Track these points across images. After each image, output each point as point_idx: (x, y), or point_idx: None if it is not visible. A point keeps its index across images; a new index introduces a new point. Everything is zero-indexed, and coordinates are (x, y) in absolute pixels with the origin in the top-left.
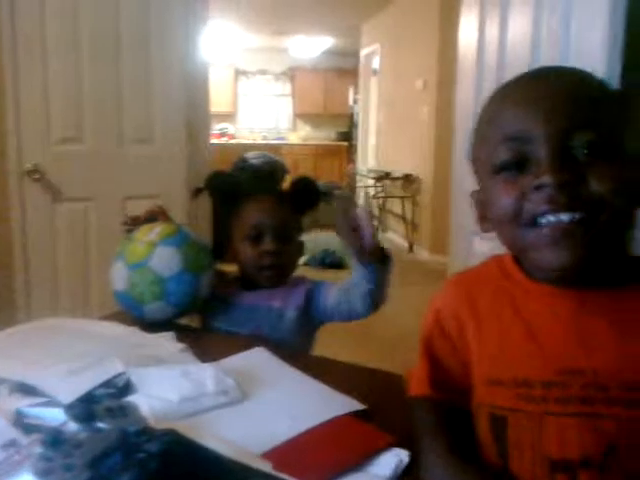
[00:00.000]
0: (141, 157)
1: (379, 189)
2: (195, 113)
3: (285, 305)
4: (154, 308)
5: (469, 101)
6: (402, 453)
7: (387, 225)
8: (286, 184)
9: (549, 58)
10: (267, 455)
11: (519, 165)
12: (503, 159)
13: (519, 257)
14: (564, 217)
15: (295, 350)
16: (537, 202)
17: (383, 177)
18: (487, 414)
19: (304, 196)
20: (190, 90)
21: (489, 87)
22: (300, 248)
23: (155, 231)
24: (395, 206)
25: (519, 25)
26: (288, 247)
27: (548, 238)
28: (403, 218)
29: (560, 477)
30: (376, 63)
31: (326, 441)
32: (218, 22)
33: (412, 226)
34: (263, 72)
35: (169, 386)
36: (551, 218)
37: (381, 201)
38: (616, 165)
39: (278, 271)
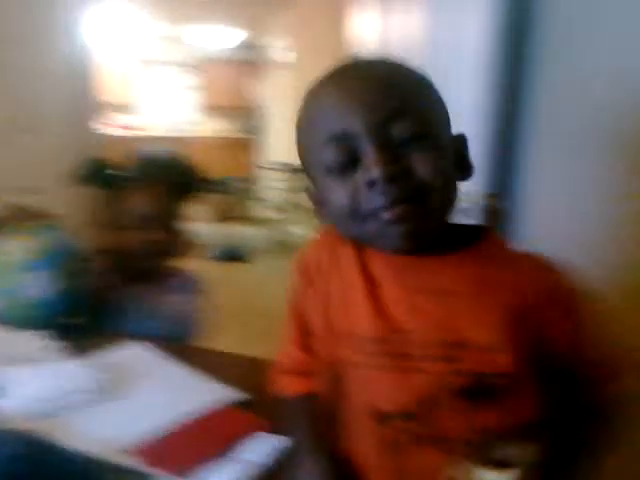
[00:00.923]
0: (19, 148)
1: (285, 182)
2: (80, 103)
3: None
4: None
5: None
6: (275, 439)
7: (294, 218)
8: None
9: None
10: (137, 450)
11: (348, 163)
12: (331, 160)
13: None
14: (398, 209)
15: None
16: (371, 198)
17: (288, 170)
18: (327, 366)
19: (183, 184)
20: (74, 79)
21: None
22: (182, 238)
23: (29, 249)
24: (301, 199)
25: (415, 20)
26: (171, 236)
27: (387, 227)
28: (308, 211)
29: (381, 426)
30: (285, 57)
31: (198, 432)
32: (120, 8)
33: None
34: (168, 62)
35: (37, 385)
36: (386, 214)
37: (287, 194)
38: (433, 149)
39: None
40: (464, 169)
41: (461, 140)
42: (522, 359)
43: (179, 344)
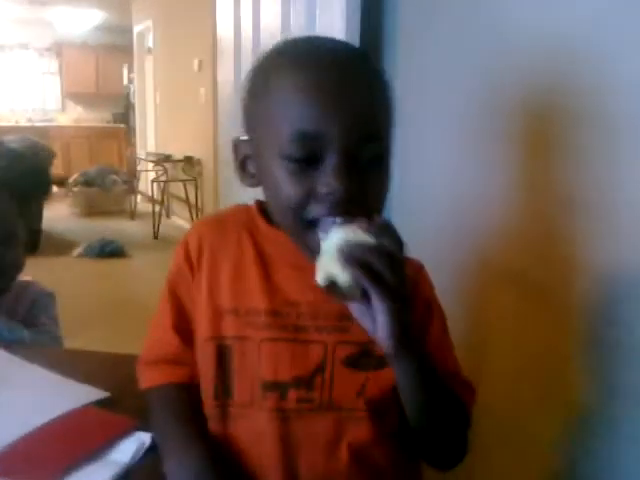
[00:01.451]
0: None
1: (160, 173)
2: None
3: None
4: None
5: (229, 83)
6: (144, 436)
7: (171, 210)
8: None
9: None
10: None
11: (310, 160)
12: (294, 154)
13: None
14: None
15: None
16: (322, 206)
17: (163, 160)
18: (213, 346)
19: (35, 187)
20: None
21: (247, 69)
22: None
23: None
24: (178, 190)
25: (271, 7)
26: (9, 251)
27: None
28: (187, 201)
29: (271, 396)
30: (150, 41)
31: (60, 435)
32: None
33: (196, 209)
34: (24, 46)
35: None
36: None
37: (162, 185)
38: (387, 173)
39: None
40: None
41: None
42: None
43: (36, 347)
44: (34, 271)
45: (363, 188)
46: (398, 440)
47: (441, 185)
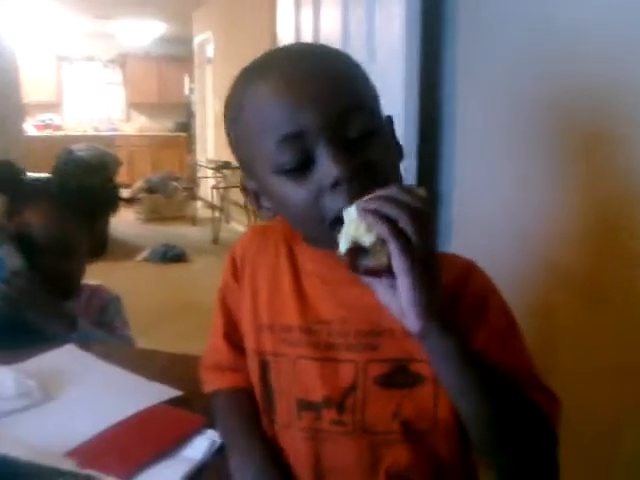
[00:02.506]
0: None
1: (219, 179)
2: (3, 101)
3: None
4: None
5: None
6: (215, 434)
7: (230, 215)
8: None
9: (358, 47)
10: (72, 453)
11: (303, 163)
12: (285, 162)
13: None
14: None
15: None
16: (336, 199)
17: (222, 167)
18: (257, 361)
19: (103, 203)
20: None
21: None
22: (92, 252)
23: None
24: (237, 196)
25: (331, 15)
26: (70, 263)
27: None
28: (245, 207)
29: (306, 415)
30: (210, 51)
31: (135, 432)
32: (35, 2)
33: (254, 215)
34: (90, 59)
35: None
36: None
37: (222, 191)
38: (385, 142)
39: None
40: (398, 151)
41: (390, 122)
42: None
43: (110, 346)
44: (101, 274)
45: (367, 162)
46: (443, 464)
47: (505, 189)
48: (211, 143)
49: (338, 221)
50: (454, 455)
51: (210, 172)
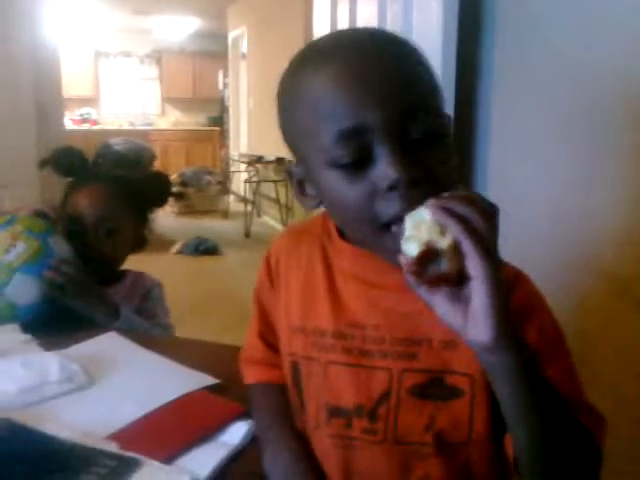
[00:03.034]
0: None
1: (252, 173)
2: (46, 96)
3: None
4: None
5: None
6: (251, 421)
7: (262, 209)
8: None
9: None
10: (114, 436)
11: (360, 160)
12: (342, 157)
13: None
14: None
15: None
16: (390, 204)
17: (255, 161)
18: (289, 362)
19: (154, 195)
20: (39, 72)
21: None
22: (135, 243)
23: (16, 251)
24: (269, 190)
25: (367, 11)
26: (114, 245)
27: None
28: (277, 202)
29: (336, 422)
30: (244, 46)
31: (175, 417)
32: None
33: (286, 209)
34: (127, 54)
35: (7, 377)
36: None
37: (255, 185)
38: (450, 151)
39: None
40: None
41: (449, 122)
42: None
43: (149, 335)
44: (135, 267)
45: (427, 168)
46: (476, 478)
47: (547, 193)
48: (244, 137)
49: (388, 226)
50: (487, 469)
51: (243, 166)
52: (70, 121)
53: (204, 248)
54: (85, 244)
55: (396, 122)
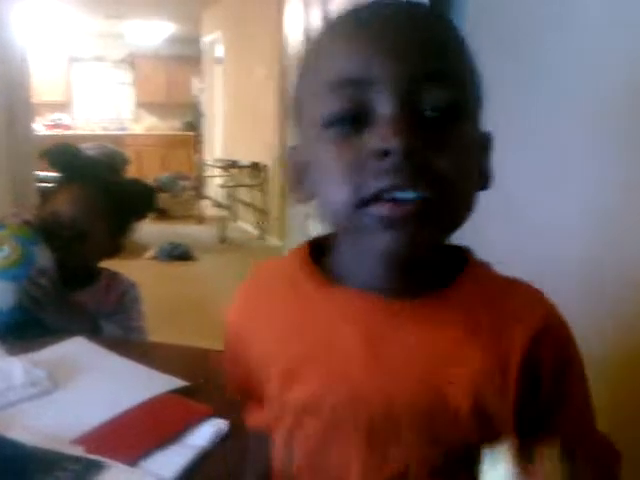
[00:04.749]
0: None
1: (227, 178)
2: (14, 101)
3: (98, 310)
4: None
5: None
6: (221, 422)
7: (237, 214)
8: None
9: None
10: (79, 440)
11: (355, 117)
12: (335, 110)
13: (343, 238)
14: (407, 195)
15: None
16: (379, 173)
17: (230, 166)
18: (278, 429)
19: (137, 207)
20: (7, 76)
21: None
22: (110, 250)
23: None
24: (244, 195)
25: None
26: (82, 244)
27: (386, 220)
28: (253, 206)
29: None
30: (219, 51)
31: (141, 419)
32: (46, 3)
33: (261, 214)
34: (100, 59)
35: None
36: (396, 195)
37: (229, 190)
38: (466, 138)
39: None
40: (482, 178)
41: (486, 140)
42: (508, 426)
43: (118, 339)
44: None
45: (432, 148)
46: None
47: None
48: (219, 142)
49: (370, 202)
50: None
51: (217, 171)
52: (42, 126)
53: (178, 253)
54: (54, 245)
55: (406, 79)
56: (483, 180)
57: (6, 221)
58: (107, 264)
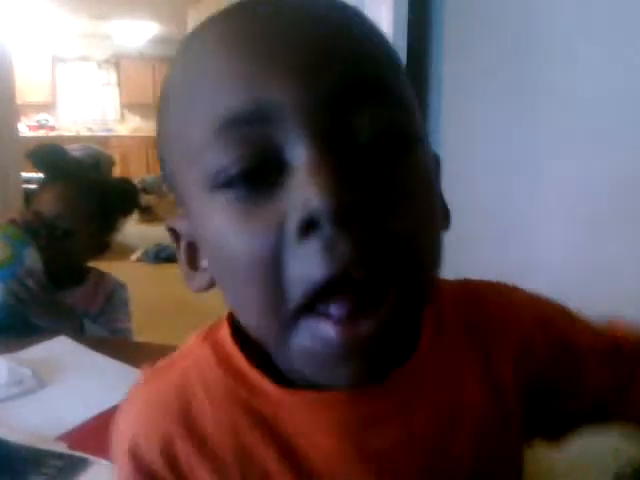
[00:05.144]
0: None
1: None
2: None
3: (86, 309)
4: None
5: None
6: None
7: None
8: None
9: None
10: (63, 437)
11: (259, 174)
12: (224, 164)
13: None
14: (362, 301)
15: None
16: (311, 256)
17: None
18: None
19: (121, 203)
20: None
21: None
22: (97, 249)
23: None
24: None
25: None
26: (67, 242)
27: (336, 349)
28: None
29: None
30: None
31: None
32: (29, 2)
33: None
34: (85, 59)
35: None
36: (335, 310)
37: None
38: (423, 172)
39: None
40: (443, 212)
41: (437, 161)
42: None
43: (104, 338)
44: None
45: (381, 198)
46: None
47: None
48: None
49: (300, 311)
50: None
51: None
52: (26, 127)
53: (165, 255)
54: (39, 244)
55: (324, 103)
56: (444, 215)
57: None
58: (94, 266)
